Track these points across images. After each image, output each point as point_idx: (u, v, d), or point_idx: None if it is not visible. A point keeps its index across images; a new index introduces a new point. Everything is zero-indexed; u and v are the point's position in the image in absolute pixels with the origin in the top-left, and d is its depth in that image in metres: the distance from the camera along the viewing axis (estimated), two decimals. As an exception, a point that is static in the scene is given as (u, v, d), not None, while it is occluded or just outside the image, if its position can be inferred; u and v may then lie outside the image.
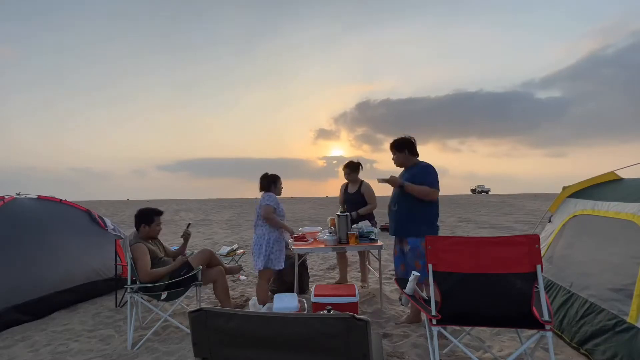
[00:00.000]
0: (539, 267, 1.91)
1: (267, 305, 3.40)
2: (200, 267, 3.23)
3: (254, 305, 3.53)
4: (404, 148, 3.16)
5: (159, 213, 3.36)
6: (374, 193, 4.32)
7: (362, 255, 4.48)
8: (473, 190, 71.75)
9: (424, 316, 2.86)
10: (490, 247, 1.96)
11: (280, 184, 3.65)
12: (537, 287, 1.94)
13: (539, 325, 1.92)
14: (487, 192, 69.54)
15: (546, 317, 1.91)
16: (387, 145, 3.28)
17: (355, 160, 4.33)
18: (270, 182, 3.59)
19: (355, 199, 4.26)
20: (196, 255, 3.36)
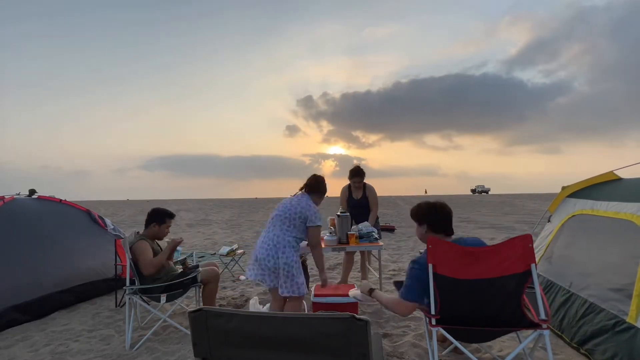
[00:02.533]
0: (533, 265, 1.91)
1: (267, 305, 3.40)
2: (200, 269, 3.25)
3: (253, 305, 3.53)
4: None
5: (172, 216, 3.36)
6: (377, 196, 4.30)
7: (363, 255, 4.44)
8: (473, 190, 71.80)
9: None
10: (487, 256, 1.95)
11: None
12: (532, 286, 1.94)
13: (535, 325, 1.93)
14: (487, 192, 69.53)
15: (542, 315, 1.91)
16: (365, 140, 3.27)
17: (353, 164, 4.35)
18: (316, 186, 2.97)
19: (362, 204, 4.24)
20: (205, 270, 3.36)
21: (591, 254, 2.83)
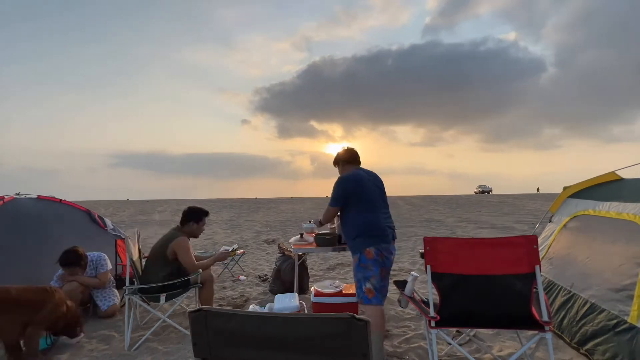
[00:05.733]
0: (537, 267, 1.91)
1: (268, 305, 3.40)
2: (201, 270, 3.25)
3: (253, 309, 3.53)
4: (336, 164, 2.94)
5: (207, 214, 3.47)
6: None
7: None
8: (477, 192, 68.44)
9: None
10: (488, 249, 1.96)
11: None
12: (536, 288, 1.94)
13: (538, 326, 1.92)
14: (489, 192, 66.90)
15: (545, 317, 1.91)
16: (333, 133, 3.21)
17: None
18: None
19: None
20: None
21: (593, 254, 2.82)
